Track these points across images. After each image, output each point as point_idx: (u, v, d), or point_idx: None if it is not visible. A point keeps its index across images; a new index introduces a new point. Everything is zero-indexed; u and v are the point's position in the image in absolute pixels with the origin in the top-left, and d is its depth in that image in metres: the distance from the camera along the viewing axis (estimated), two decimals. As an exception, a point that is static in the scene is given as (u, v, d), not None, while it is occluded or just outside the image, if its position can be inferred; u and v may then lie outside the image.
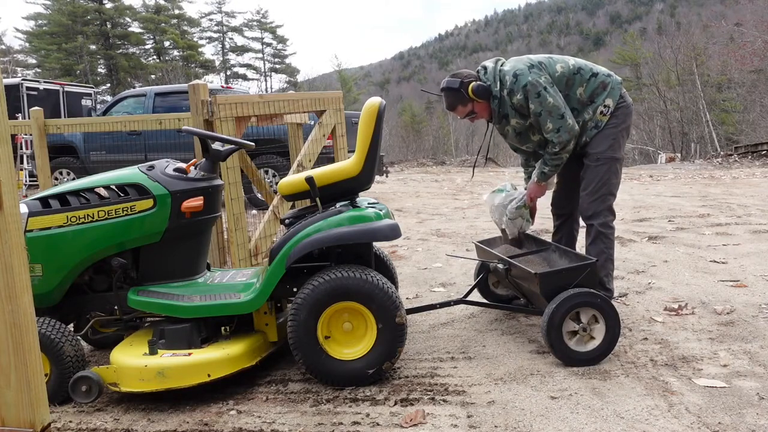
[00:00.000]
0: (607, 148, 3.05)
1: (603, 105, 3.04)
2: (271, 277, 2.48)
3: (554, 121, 2.94)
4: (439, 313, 3.37)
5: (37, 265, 2.49)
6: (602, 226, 3.04)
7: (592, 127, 3.06)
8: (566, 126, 2.95)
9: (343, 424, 2.15)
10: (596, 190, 3.04)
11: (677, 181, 10.83)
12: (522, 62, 3.00)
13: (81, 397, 2.44)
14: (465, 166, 18.48)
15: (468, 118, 3.15)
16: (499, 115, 3.08)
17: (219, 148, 2.72)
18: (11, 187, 1.43)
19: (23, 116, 12.54)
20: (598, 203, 3.04)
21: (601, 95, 3.05)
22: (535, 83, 2.91)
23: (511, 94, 2.98)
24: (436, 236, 5.78)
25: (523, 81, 2.93)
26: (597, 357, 2.56)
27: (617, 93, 3.07)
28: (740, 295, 3.42)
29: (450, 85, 3.04)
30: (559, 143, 2.97)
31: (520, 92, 2.94)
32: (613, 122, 3.06)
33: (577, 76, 3.04)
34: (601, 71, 3.10)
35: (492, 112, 3.08)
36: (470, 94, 3.00)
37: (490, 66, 3.08)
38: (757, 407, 2.14)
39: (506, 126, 3.12)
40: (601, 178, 3.04)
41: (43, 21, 39.41)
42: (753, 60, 28.60)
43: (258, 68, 51.93)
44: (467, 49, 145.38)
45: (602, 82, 3.06)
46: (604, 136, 3.06)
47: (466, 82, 3.00)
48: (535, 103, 2.93)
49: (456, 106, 3.07)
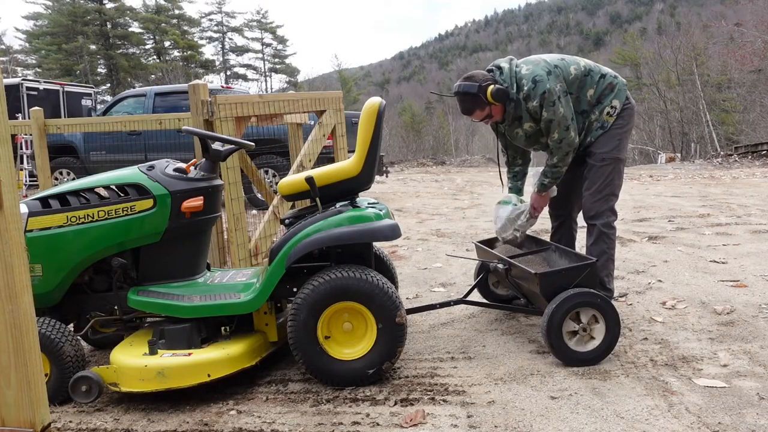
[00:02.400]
0: (613, 149, 3.04)
1: (610, 106, 3.04)
2: (271, 277, 2.48)
3: (560, 132, 2.94)
4: (439, 313, 3.37)
5: (37, 265, 2.49)
6: (604, 226, 3.04)
7: (597, 127, 3.05)
8: (569, 139, 2.95)
9: (343, 424, 2.15)
10: (600, 190, 3.04)
11: (677, 181, 10.83)
12: (540, 67, 2.95)
13: (81, 397, 2.44)
14: (465, 166, 18.48)
15: (483, 121, 3.10)
16: (512, 117, 3.05)
17: (219, 148, 2.72)
18: (11, 187, 1.43)
19: (23, 116, 12.54)
20: (602, 203, 3.04)
21: (608, 96, 3.04)
22: (553, 91, 2.89)
23: (528, 99, 2.94)
24: (436, 236, 5.78)
25: (541, 88, 2.89)
26: (597, 357, 2.56)
27: (623, 94, 3.07)
28: (740, 295, 3.42)
29: (468, 90, 2.96)
30: (557, 155, 2.98)
31: (537, 99, 2.91)
32: (619, 123, 3.06)
33: (588, 78, 3.03)
34: (609, 72, 3.09)
35: (506, 114, 3.05)
36: (489, 98, 2.94)
37: (506, 67, 3.02)
38: (757, 407, 2.14)
39: (517, 128, 3.09)
40: (606, 178, 3.04)
41: (43, 21, 39.42)
42: (753, 60, 28.60)
43: (258, 68, 51.95)
44: (467, 49, 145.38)
45: (610, 84, 3.05)
46: (610, 136, 3.05)
47: (485, 86, 2.94)
48: (549, 111, 2.91)
49: (474, 111, 3.01)
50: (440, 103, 49.05)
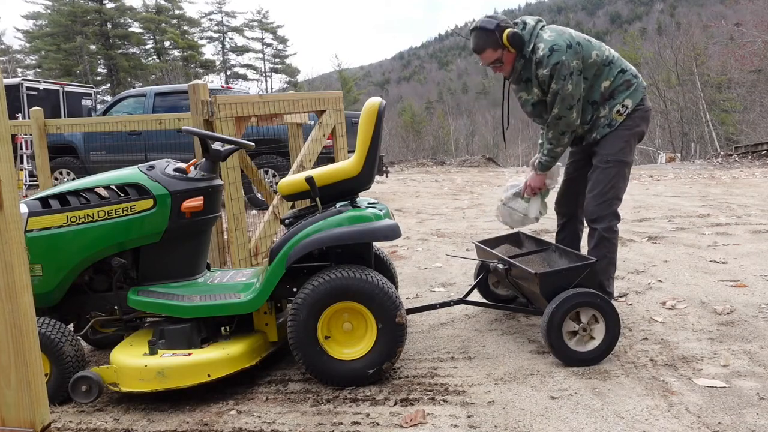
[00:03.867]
0: (618, 151, 2.96)
1: (621, 104, 2.95)
2: (271, 277, 2.48)
3: (562, 108, 2.87)
4: (439, 313, 3.37)
5: (37, 265, 2.49)
6: (606, 230, 2.98)
7: (605, 124, 2.98)
8: (568, 118, 2.89)
9: (343, 424, 2.15)
10: (603, 194, 2.97)
11: (677, 181, 10.83)
12: (563, 38, 2.86)
13: (81, 397, 2.44)
14: (465, 166, 18.48)
15: (492, 66, 3.00)
16: (519, 77, 2.97)
17: (219, 148, 2.72)
18: (11, 187, 1.43)
19: (23, 116, 12.55)
20: (604, 207, 2.97)
21: (622, 93, 2.96)
22: (567, 65, 2.81)
23: (540, 65, 2.85)
24: (436, 236, 5.78)
25: (556, 58, 2.80)
26: (597, 357, 2.56)
27: (639, 96, 2.98)
28: (740, 295, 3.42)
29: (485, 25, 2.87)
30: (553, 132, 2.92)
31: (549, 68, 2.82)
32: (628, 124, 2.97)
33: (607, 69, 2.95)
34: (630, 70, 3.01)
35: (514, 70, 2.97)
36: (504, 40, 2.86)
37: (530, 24, 2.94)
38: (757, 407, 2.14)
39: (522, 92, 3.01)
40: (609, 181, 2.96)
41: (42, 21, 39.43)
42: (753, 60, 28.63)
43: (258, 68, 51.98)
44: (467, 49, 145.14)
45: (627, 81, 2.97)
46: (617, 137, 2.97)
47: (503, 26, 2.85)
48: (558, 84, 2.83)
49: (485, 49, 2.91)
50: (440, 103, 49.02)
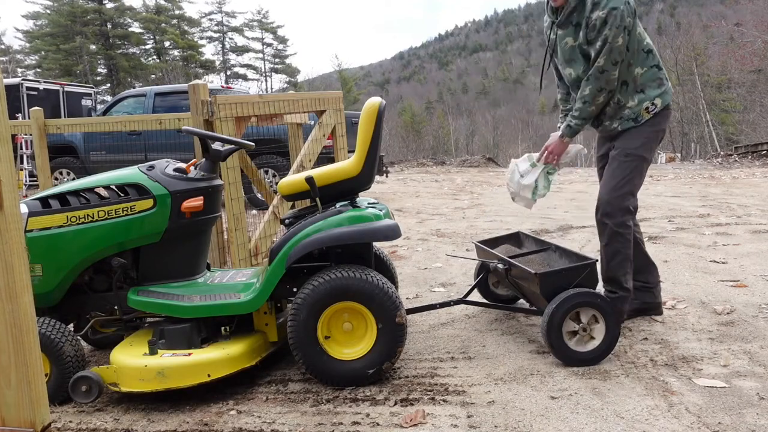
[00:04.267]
0: (640, 146, 2.88)
1: (651, 102, 2.87)
2: (271, 277, 2.48)
3: (607, 62, 2.73)
4: (439, 313, 3.37)
5: (37, 265, 2.49)
6: (618, 225, 2.87)
7: (630, 117, 2.89)
8: (610, 75, 2.77)
9: (343, 424, 2.15)
10: (618, 187, 2.87)
11: (677, 181, 10.83)
12: None
13: (81, 397, 2.43)
14: (465, 166, 18.48)
15: None
16: (568, 18, 2.83)
17: (219, 148, 2.72)
18: (11, 187, 1.43)
19: (23, 116, 12.55)
20: (619, 201, 2.86)
21: (653, 90, 2.87)
22: (623, 16, 2.68)
23: (596, 6, 2.72)
24: (436, 236, 5.78)
25: (614, 3, 2.67)
26: (597, 357, 2.56)
27: (669, 98, 2.92)
28: (740, 295, 3.42)
29: None
30: (591, 86, 2.79)
31: (605, 11, 2.68)
32: (654, 121, 2.90)
33: (644, 56, 2.85)
34: (663, 70, 2.94)
35: (567, 5, 2.82)
36: None
37: None
38: (757, 407, 2.14)
39: (568, 37, 2.87)
40: (626, 175, 2.87)
41: (42, 21, 39.44)
42: (753, 60, 28.64)
43: (258, 68, 52.00)
44: (467, 49, 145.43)
45: (660, 79, 2.90)
46: (640, 132, 2.89)
47: None
48: (611, 32, 2.68)
49: None
50: (440, 103, 48.99)
